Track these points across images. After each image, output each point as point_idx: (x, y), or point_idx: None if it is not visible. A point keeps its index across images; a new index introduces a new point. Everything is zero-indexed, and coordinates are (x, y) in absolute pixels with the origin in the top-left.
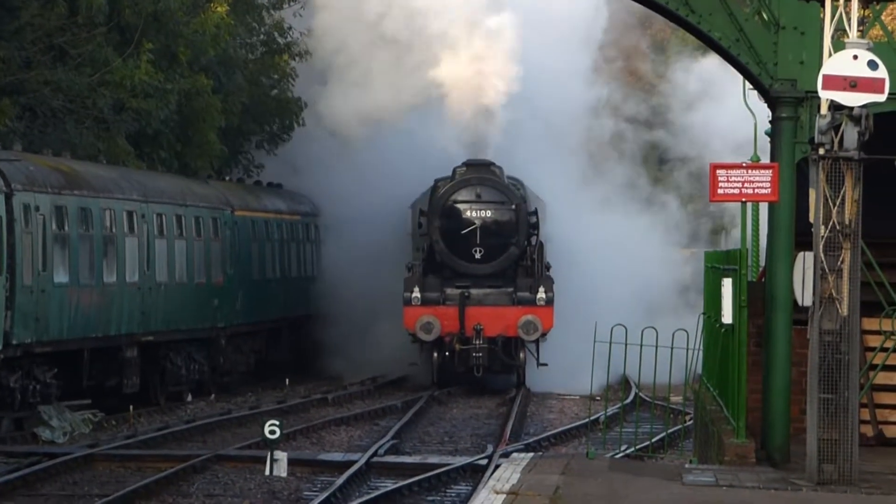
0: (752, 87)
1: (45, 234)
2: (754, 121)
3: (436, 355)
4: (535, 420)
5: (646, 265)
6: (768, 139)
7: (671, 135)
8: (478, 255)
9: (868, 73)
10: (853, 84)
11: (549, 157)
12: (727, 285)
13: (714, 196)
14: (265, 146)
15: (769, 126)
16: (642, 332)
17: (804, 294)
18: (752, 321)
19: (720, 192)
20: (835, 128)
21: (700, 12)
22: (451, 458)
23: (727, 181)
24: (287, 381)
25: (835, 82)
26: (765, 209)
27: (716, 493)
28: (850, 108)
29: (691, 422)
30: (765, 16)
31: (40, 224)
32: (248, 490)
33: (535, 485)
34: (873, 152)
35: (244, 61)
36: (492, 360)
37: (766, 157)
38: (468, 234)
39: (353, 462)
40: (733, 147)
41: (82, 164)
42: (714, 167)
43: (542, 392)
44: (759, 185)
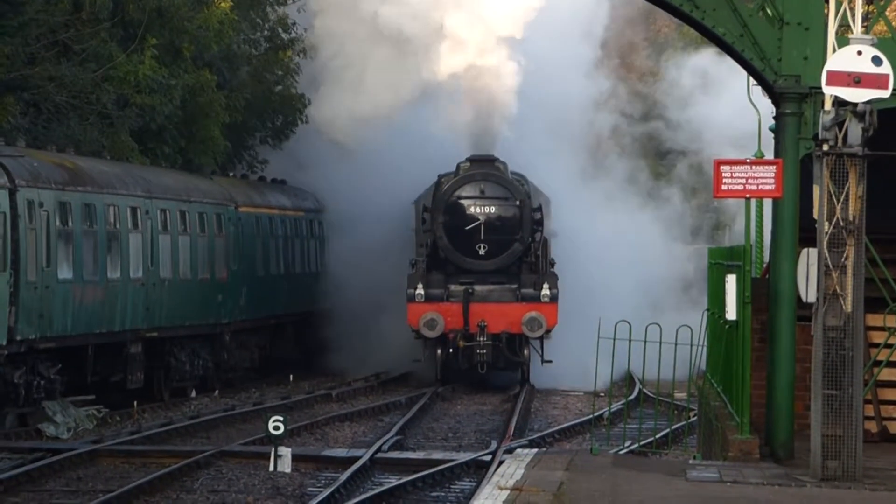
0: (755, 83)
1: (49, 230)
2: (758, 117)
3: (439, 352)
4: (538, 416)
5: (649, 261)
6: (772, 135)
7: (670, 129)
8: (482, 252)
9: (872, 69)
10: (857, 80)
11: (550, 152)
12: (731, 281)
13: (718, 192)
14: (269, 142)
15: (773, 122)
16: (646, 328)
17: (808, 290)
18: (755, 317)
19: (724, 188)
20: (839, 124)
21: (704, 8)
22: (454, 454)
23: (731, 177)
24: (291, 377)
25: (839, 78)
26: (769, 205)
27: (720, 490)
28: (854, 104)
29: (695, 418)
30: (769, 11)
31: (44, 220)
32: (252, 486)
33: (539, 481)
34: (877, 148)
35: (248, 57)
36: (496, 357)
37: (769, 154)
38: (472, 231)
39: (357, 458)
40: (730, 140)
41: (86, 159)
42: (718, 163)
43: (546, 388)
44: (763, 181)
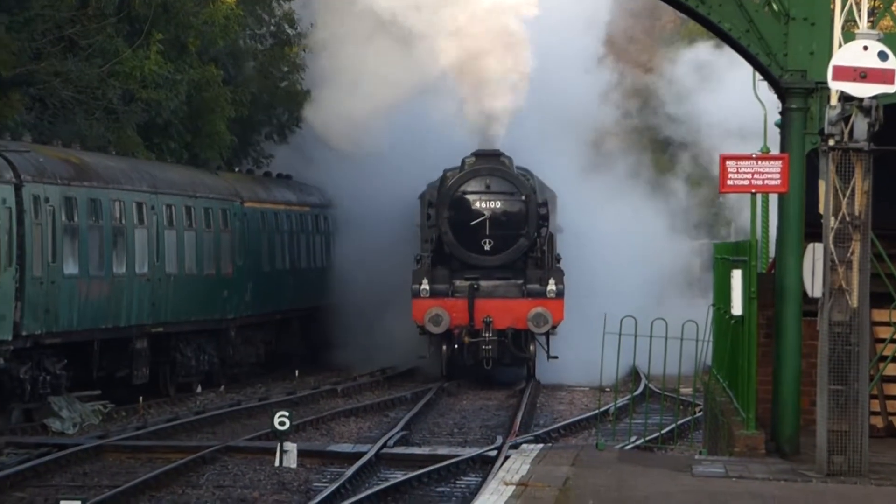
0: (761, 78)
1: (55, 226)
2: (764, 112)
3: (444, 348)
4: (544, 411)
5: (654, 256)
6: (776, 130)
7: (670, 122)
8: (487, 247)
9: (878, 64)
10: (863, 75)
11: (553, 146)
12: (737, 277)
13: (724, 187)
14: (274, 138)
15: (779, 117)
16: (652, 323)
17: (814, 285)
18: (761, 312)
19: (730, 183)
20: (845, 119)
21: (710, 3)
22: (460, 450)
23: (737, 172)
24: (297, 372)
25: (845, 73)
26: (774, 200)
27: (725, 485)
28: (860, 99)
29: (701, 413)
30: (775, 7)
31: (50, 215)
32: (258, 481)
33: (545, 476)
34: (883, 143)
35: (253, 53)
36: (501, 353)
37: (775, 149)
38: (477, 226)
39: (363, 453)
40: (730, 132)
41: (92, 155)
42: (724, 158)
43: (551, 384)
44: (769, 176)
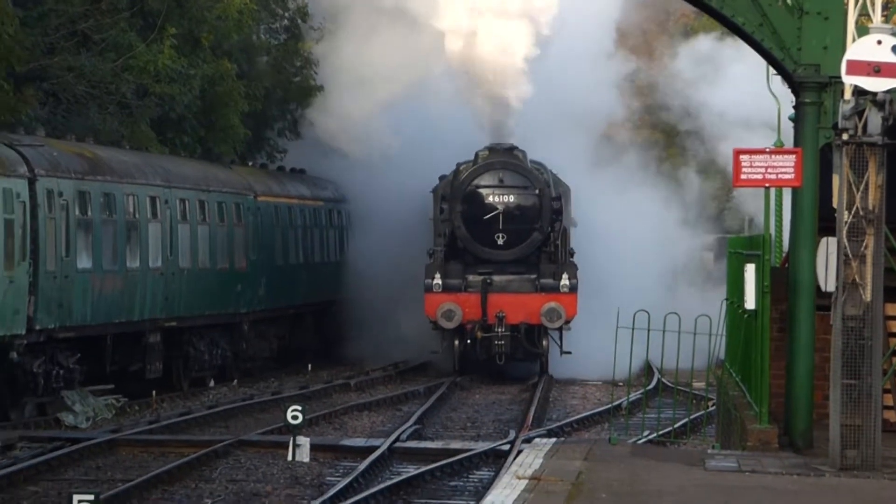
0: (775, 73)
1: (69, 220)
2: (777, 106)
3: (457, 343)
4: (557, 405)
5: (667, 249)
6: (791, 124)
7: (676, 113)
8: (500, 241)
9: (892, 59)
10: (877, 69)
11: (566, 139)
12: (750, 271)
13: (737, 181)
14: (286, 134)
15: (792, 111)
16: (665, 317)
17: (827, 280)
18: (775, 307)
19: (743, 177)
20: (858, 113)
21: None
22: (473, 444)
23: (750, 167)
24: (309, 366)
25: (858, 67)
26: (788, 195)
27: (738, 479)
28: (874, 94)
29: (714, 407)
30: (788, 1)
31: (63, 209)
32: (271, 475)
33: (558, 470)
34: None
35: (267, 48)
36: (514, 348)
37: (789, 143)
38: (490, 220)
39: (376, 447)
40: (737, 123)
41: (105, 149)
42: (737, 152)
43: (564, 379)
44: (783, 170)
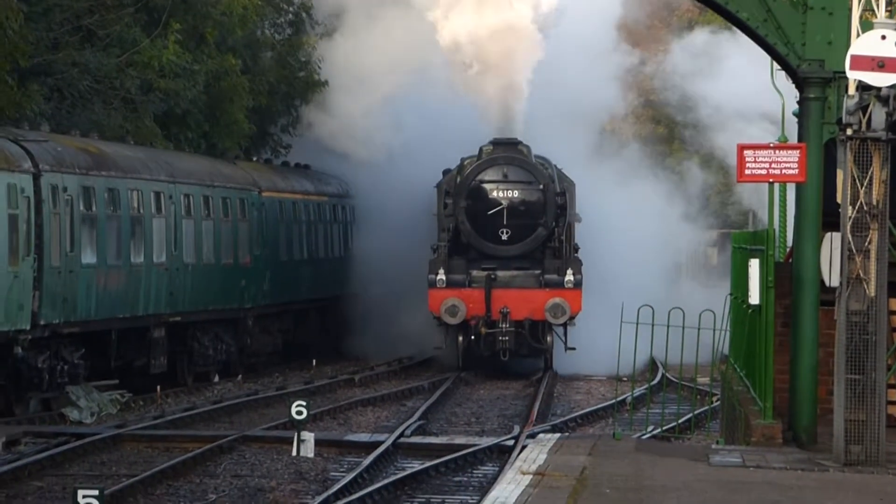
0: (779, 68)
1: (73, 215)
2: (782, 101)
3: (461, 339)
4: (561, 401)
5: (671, 244)
6: (795, 119)
7: (675, 107)
8: (504, 237)
9: None
10: (881, 64)
11: (569, 134)
12: (754, 266)
13: (741, 176)
14: (290, 130)
15: (796, 106)
16: (669, 312)
17: (831, 275)
18: (779, 302)
19: (748, 172)
20: (863, 108)
21: None
22: (477, 439)
23: (754, 162)
24: (314, 361)
25: (863, 63)
26: (792, 190)
27: (742, 474)
28: (878, 89)
29: (718, 403)
30: None
31: (68, 205)
32: (275, 471)
33: (562, 465)
34: None
35: (271, 43)
36: (518, 344)
37: (793, 138)
38: (495, 215)
39: (380, 443)
40: (735, 116)
41: (110, 144)
42: (741, 147)
43: (569, 374)
44: (787, 165)
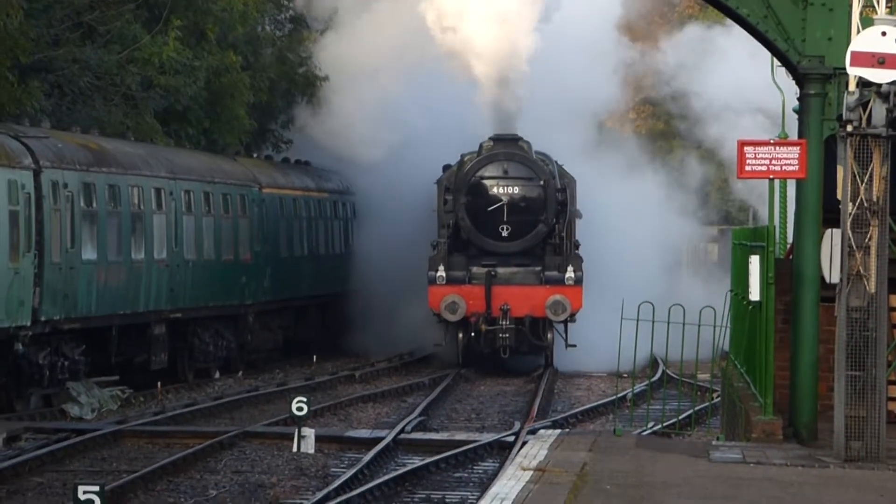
0: (779, 64)
1: (74, 211)
2: (782, 97)
3: (461, 336)
4: (562, 397)
5: (671, 240)
6: (796, 116)
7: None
8: (504, 233)
9: None
10: (881, 61)
11: (568, 130)
12: (755, 262)
13: (742, 173)
14: (290, 127)
15: (797, 103)
16: (669, 309)
17: (832, 271)
18: (779, 298)
19: (748, 168)
20: (863, 105)
21: None
22: (478, 435)
23: (755, 158)
24: (315, 358)
25: (863, 59)
26: (792, 186)
27: (743, 470)
28: (879, 85)
29: (718, 399)
30: None
31: (68, 201)
32: (276, 466)
33: (563, 461)
34: None
35: (272, 40)
36: (519, 342)
37: (793, 134)
38: (495, 211)
39: (381, 439)
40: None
41: (110, 141)
42: (742, 144)
43: (569, 370)
44: (787, 162)
